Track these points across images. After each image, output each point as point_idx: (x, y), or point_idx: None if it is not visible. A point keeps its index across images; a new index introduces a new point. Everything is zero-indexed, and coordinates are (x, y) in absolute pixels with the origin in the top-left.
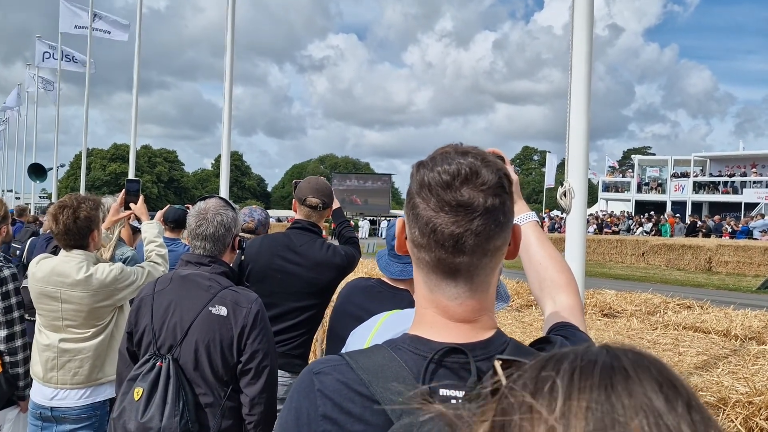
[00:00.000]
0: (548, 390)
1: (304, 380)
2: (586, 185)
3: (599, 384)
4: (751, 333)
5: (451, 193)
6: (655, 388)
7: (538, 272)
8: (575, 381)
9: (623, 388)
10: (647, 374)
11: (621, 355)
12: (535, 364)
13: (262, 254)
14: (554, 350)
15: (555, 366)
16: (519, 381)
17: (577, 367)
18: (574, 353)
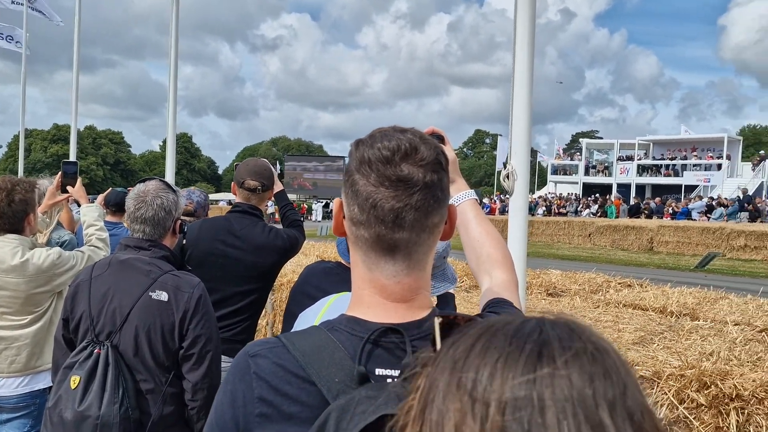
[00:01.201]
0: (473, 371)
1: (240, 363)
2: (528, 168)
3: (524, 370)
4: (686, 309)
5: (391, 168)
6: (583, 378)
7: (475, 249)
8: (499, 368)
9: (548, 378)
10: (576, 362)
11: (552, 339)
12: (466, 339)
13: (202, 239)
14: (486, 326)
15: (483, 348)
16: (446, 358)
17: (504, 352)
18: (504, 335)
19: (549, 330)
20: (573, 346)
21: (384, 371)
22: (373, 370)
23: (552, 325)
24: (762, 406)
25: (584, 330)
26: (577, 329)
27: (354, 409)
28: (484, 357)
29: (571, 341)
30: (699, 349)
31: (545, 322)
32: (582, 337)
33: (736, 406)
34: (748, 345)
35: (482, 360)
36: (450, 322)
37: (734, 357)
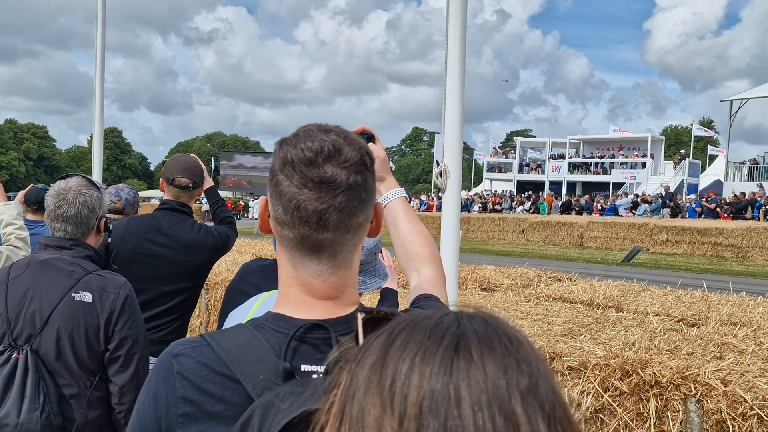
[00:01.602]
0: (392, 366)
1: (163, 363)
2: (461, 165)
3: (440, 367)
4: (611, 302)
5: (314, 169)
6: (497, 370)
7: (405, 246)
8: (417, 362)
9: (464, 370)
10: (491, 354)
11: (469, 333)
12: (386, 334)
13: (128, 238)
14: (406, 321)
15: (402, 343)
16: (367, 353)
17: (422, 347)
18: (423, 329)
19: (466, 324)
20: (489, 339)
21: (309, 367)
22: (298, 366)
23: (469, 319)
24: (679, 392)
25: (500, 323)
26: (492, 322)
27: (278, 405)
28: (403, 352)
29: (487, 334)
30: (623, 339)
31: (463, 316)
32: (497, 329)
33: (655, 392)
34: (667, 334)
35: (401, 355)
36: (373, 317)
37: (654, 346)
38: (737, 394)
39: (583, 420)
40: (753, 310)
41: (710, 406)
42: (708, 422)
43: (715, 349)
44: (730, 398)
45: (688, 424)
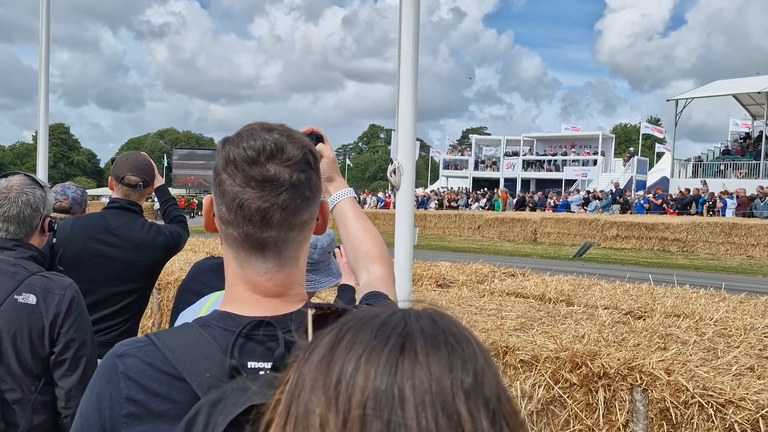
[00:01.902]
0: (339, 365)
1: (107, 364)
2: (414, 163)
3: (385, 367)
4: (563, 296)
5: (256, 168)
6: (442, 369)
7: (354, 245)
8: (362, 362)
9: (409, 370)
10: (436, 354)
11: (415, 331)
12: (334, 332)
13: (75, 237)
14: (355, 319)
15: (350, 342)
16: (315, 351)
17: (368, 347)
18: (371, 328)
19: (413, 323)
20: (435, 338)
21: (256, 364)
22: (245, 363)
23: (417, 318)
24: (625, 383)
25: (447, 320)
26: (440, 320)
27: (225, 402)
28: (350, 351)
29: (434, 333)
30: (573, 332)
31: (410, 315)
32: (444, 328)
33: (603, 383)
34: (615, 327)
35: (347, 354)
36: (323, 314)
37: (603, 338)
38: (680, 383)
39: (534, 413)
40: (695, 302)
41: (655, 395)
42: (653, 411)
43: (660, 340)
44: (673, 387)
45: (634, 413)
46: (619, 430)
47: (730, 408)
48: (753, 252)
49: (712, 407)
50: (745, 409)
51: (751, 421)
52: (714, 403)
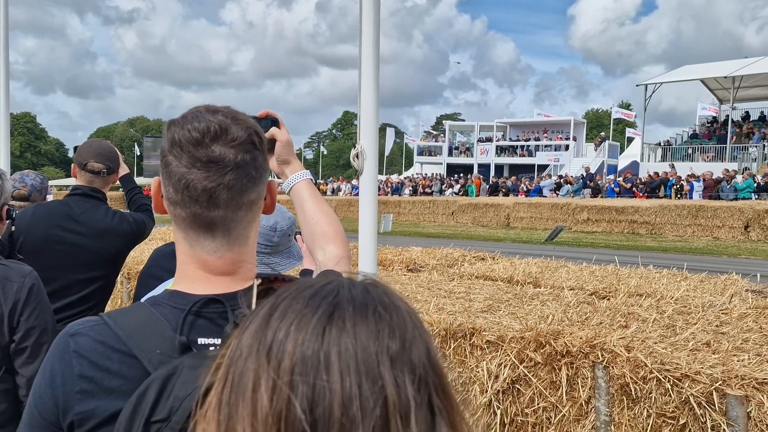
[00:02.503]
0: (272, 332)
1: (60, 343)
2: (377, 147)
3: (312, 334)
4: (530, 278)
5: (201, 149)
6: (369, 336)
7: (310, 226)
8: (293, 329)
9: (336, 338)
10: (364, 326)
11: (345, 301)
12: (272, 301)
13: (36, 225)
14: (292, 289)
15: (283, 310)
16: (254, 319)
17: (299, 315)
18: (303, 297)
19: (345, 292)
20: (364, 307)
21: (206, 340)
22: (195, 340)
23: (350, 287)
24: (587, 360)
25: (380, 290)
26: (372, 290)
27: (176, 379)
28: (282, 319)
29: (364, 302)
30: (539, 313)
31: (344, 284)
32: (375, 297)
33: (566, 361)
34: (579, 307)
35: (280, 322)
36: (269, 286)
37: (567, 318)
38: (639, 359)
39: (500, 391)
40: (658, 281)
41: (615, 371)
42: (614, 386)
43: (622, 318)
44: (632, 363)
45: (596, 389)
46: (581, 407)
47: (686, 382)
48: (719, 233)
49: (669, 381)
50: (700, 383)
51: (706, 393)
52: (671, 377)
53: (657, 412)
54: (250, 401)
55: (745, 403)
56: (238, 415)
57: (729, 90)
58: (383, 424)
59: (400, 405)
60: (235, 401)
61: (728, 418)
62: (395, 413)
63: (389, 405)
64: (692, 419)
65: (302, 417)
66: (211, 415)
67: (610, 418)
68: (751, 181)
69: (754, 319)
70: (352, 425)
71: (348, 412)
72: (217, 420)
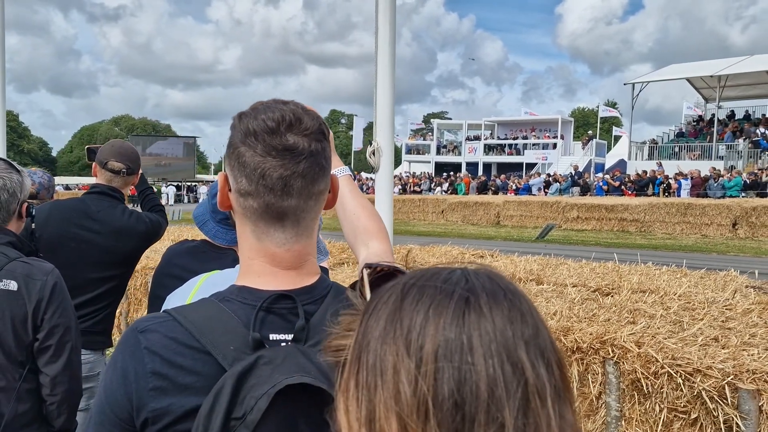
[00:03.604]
0: (408, 318)
1: (129, 339)
2: (393, 144)
3: (453, 318)
4: (532, 275)
5: (277, 138)
6: (504, 321)
7: (352, 222)
8: (431, 314)
9: (475, 322)
10: (498, 307)
11: (477, 287)
12: (397, 290)
13: (53, 221)
14: (417, 277)
15: (415, 297)
16: (381, 307)
17: (435, 300)
18: (434, 285)
19: (474, 279)
20: (495, 293)
21: (278, 336)
22: (267, 336)
23: (476, 275)
24: (598, 356)
25: (503, 279)
26: (496, 277)
27: (251, 376)
28: (417, 305)
29: (493, 289)
30: (544, 309)
31: (469, 272)
32: (501, 285)
33: (577, 357)
34: (585, 303)
35: (415, 307)
36: (377, 274)
37: (574, 315)
38: (649, 354)
39: None
40: (659, 278)
41: (626, 367)
42: (624, 382)
43: (629, 315)
44: (643, 359)
45: (606, 384)
46: (592, 402)
47: (698, 376)
48: (707, 231)
49: (680, 376)
50: (712, 377)
51: (718, 388)
52: (682, 372)
53: (669, 406)
54: (392, 386)
55: (758, 397)
56: (378, 399)
57: (714, 89)
58: (525, 404)
59: (538, 387)
60: (374, 384)
61: (741, 412)
62: (535, 395)
63: (529, 387)
64: (704, 413)
65: (450, 399)
66: (352, 395)
67: (620, 413)
68: (739, 179)
69: (758, 314)
70: (498, 406)
71: (494, 393)
72: (357, 399)
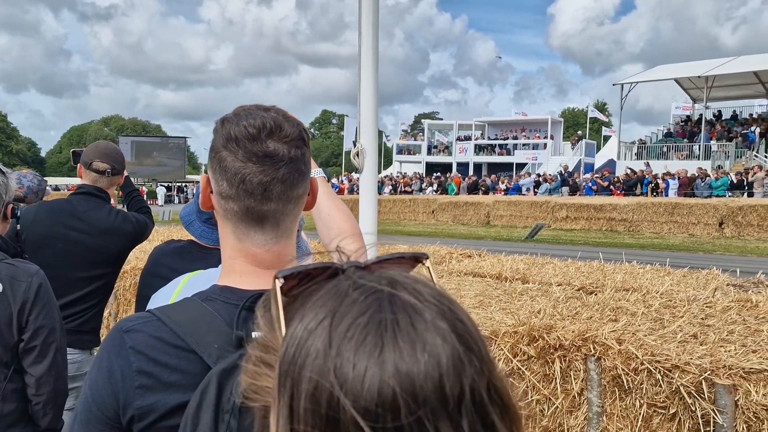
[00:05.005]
0: (340, 360)
1: (114, 339)
2: (377, 146)
3: (376, 332)
4: (518, 274)
5: (257, 144)
6: (439, 337)
7: (327, 223)
8: (363, 354)
9: (402, 335)
10: (422, 327)
11: (397, 315)
12: (318, 301)
13: (40, 222)
14: (336, 286)
15: (346, 330)
16: (306, 318)
17: (352, 331)
18: (353, 300)
19: (397, 301)
20: (420, 315)
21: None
22: (249, 334)
23: (397, 298)
24: (580, 353)
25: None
26: (423, 290)
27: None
28: (347, 342)
29: (414, 307)
30: (529, 308)
31: (390, 294)
32: (429, 296)
33: (559, 354)
34: (569, 302)
35: (340, 339)
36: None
37: (558, 313)
38: (630, 351)
39: None
40: (643, 276)
41: (607, 363)
42: (606, 378)
43: (611, 312)
44: (624, 356)
45: (588, 381)
46: (574, 398)
47: (676, 372)
48: (694, 230)
49: (659, 372)
50: (690, 373)
51: (695, 383)
52: (661, 368)
53: (648, 402)
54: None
55: (733, 392)
56: None
57: (702, 89)
58: None
59: (471, 410)
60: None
61: (717, 407)
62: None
63: (463, 412)
64: (682, 408)
65: None
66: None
67: (602, 409)
68: (725, 179)
69: (737, 311)
70: None
71: None
72: None
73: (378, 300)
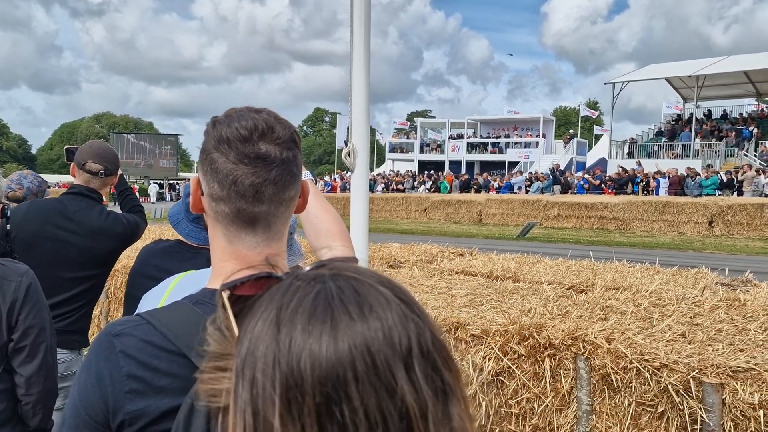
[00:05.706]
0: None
1: (103, 343)
2: (368, 145)
3: (322, 322)
4: (509, 273)
5: (249, 146)
6: (375, 336)
7: (314, 224)
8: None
9: (349, 300)
10: (372, 320)
11: (340, 295)
12: (265, 299)
13: (30, 220)
14: (279, 284)
15: (288, 320)
16: (256, 315)
17: (303, 303)
18: (296, 298)
19: (337, 290)
20: (361, 301)
21: None
22: None
23: (336, 285)
24: (569, 352)
25: (369, 275)
26: (362, 277)
27: None
28: (293, 332)
29: (357, 301)
30: (520, 307)
31: (330, 284)
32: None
33: (549, 353)
34: (559, 301)
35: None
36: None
37: (548, 312)
38: (619, 350)
39: (485, 384)
40: (633, 275)
41: (597, 362)
42: (595, 377)
43: (601, 311)
44: (613, 354)
45: (578, 380)
46: (564, 397)
47: (665, 371)
48: (684, 229)
49: (648, 371)
50: (678, 372)
51: (683, 382)
52: (650, 367)
53: (637, 400)
54: None
55: (720, 391)
56: None
57: (693, 89)
58: None
59: (420, 406)
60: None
61: (705, 405)
62: (416, 419)
63: (410, 410)
64: (670, 407)
65: None
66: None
67: (591, 407)
68: (715, 178)
69: (725, 310)
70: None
71: None
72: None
73: (321, 280)
